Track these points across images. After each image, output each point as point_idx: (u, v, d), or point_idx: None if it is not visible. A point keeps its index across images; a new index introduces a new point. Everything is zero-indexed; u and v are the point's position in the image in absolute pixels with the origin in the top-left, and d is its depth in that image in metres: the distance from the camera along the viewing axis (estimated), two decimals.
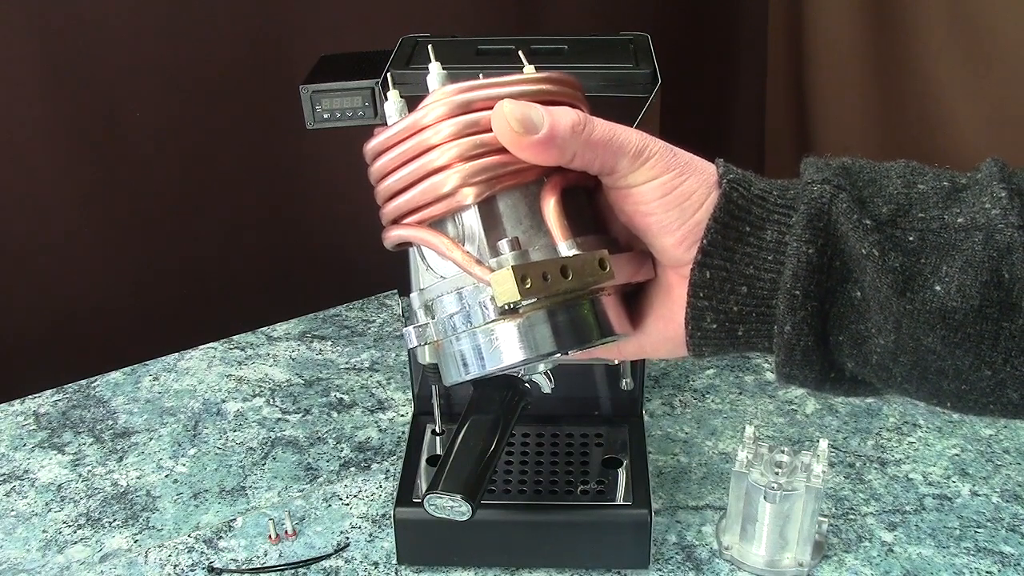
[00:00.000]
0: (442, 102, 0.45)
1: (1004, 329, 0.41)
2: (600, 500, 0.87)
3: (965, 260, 0.42)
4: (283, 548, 0.91)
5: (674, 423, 1.06)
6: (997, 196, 0.43)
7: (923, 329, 0.42)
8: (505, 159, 0.45)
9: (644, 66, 0.79)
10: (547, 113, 0.44)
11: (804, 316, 0.44)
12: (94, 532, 0.94)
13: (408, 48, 0.84)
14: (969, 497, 0.95)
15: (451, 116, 0.45)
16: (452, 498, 0.75)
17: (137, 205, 1.22)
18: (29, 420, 1.10)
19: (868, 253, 0.43)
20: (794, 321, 0.44)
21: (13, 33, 1.07)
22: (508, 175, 0.45)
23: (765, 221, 0.45)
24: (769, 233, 0.45)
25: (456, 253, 0.45)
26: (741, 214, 0.45)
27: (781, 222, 0.45)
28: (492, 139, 0.44)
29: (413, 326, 0.47)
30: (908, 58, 1.20)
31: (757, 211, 0.45)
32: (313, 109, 0.81)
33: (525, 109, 0.44)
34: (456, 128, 0.44)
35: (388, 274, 1.24)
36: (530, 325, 0.45)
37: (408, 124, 0.46)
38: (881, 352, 0.44)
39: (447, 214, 0.46)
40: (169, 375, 1.17)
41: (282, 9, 1.19)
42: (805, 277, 0.44)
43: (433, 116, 0.45)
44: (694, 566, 0.88)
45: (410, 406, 1.08)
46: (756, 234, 0.45)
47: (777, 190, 0.46)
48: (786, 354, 0.45)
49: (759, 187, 0.46)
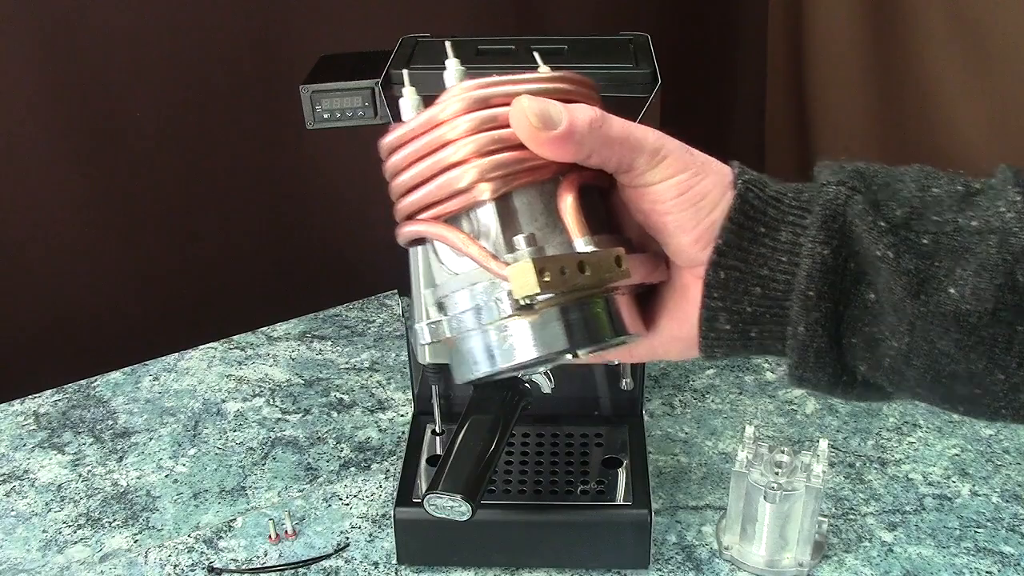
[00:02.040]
0: (459, 97, 0.44)
1: (1018, 333, 0.41)
2: (600, 500, 0.87)
3: (979, 263, 0.42)
4: (283, 548, 0.91)
5: (674, 423, 1.06)
6: (1012, 200, 0.43)
7: (937, 332, 0.42)
8: (522, 155, 0.44)
9: (644, 66, 0.79)
10: (565, 109, 0.44)
11: (818, 317, 0.44)
12: (94, 532, 0.94)
13: (408, 48, 0.84)
14: (969, 497, 0.95)
15: (468, 111, 0.44)
16: (452, 498, 0.75)
17: (137, 205, 1.22)
18: (29, 420, 1.10)
19: (883, 255, 0.42)
20: (808, 322, 0.44)
21: (13, 33, 1.07)
22: (524, 172, 0.45)
23: (780, 222, 0.45)
24: (784, 234, 0.45)
25: (473, 248, 0.44)
26: (756, 215, 0.45)
27: (796, 223, 0.45)
28: (509, 135, 0.44)
29: (426, 322, 0.47)
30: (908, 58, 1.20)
31: (772, 212, 0.45)
32: (313, 109, 0.81)
33: (544, 104, 0.44)
34: (473, 124, 0.44)
35: (388, 274, 1.24)
36: (544, 322, 0.44)
37: (425, 119, 0.45)
38: (894, 355, 0.44)
39: (463, 210, 0.45)
40: (169, 375, 1.17)
41: (282, 9, 1.19)
42: (819, 278, 0.44)
43: (450, 111, 0.44)
44: (694, 566, 0.88)
45: (410, 406, 1.08)
46: (771, 235, 0.45)
47: (792, 192, 0.46)
48: (799, 356, 0.45)
49: (774, 189, 0.46)
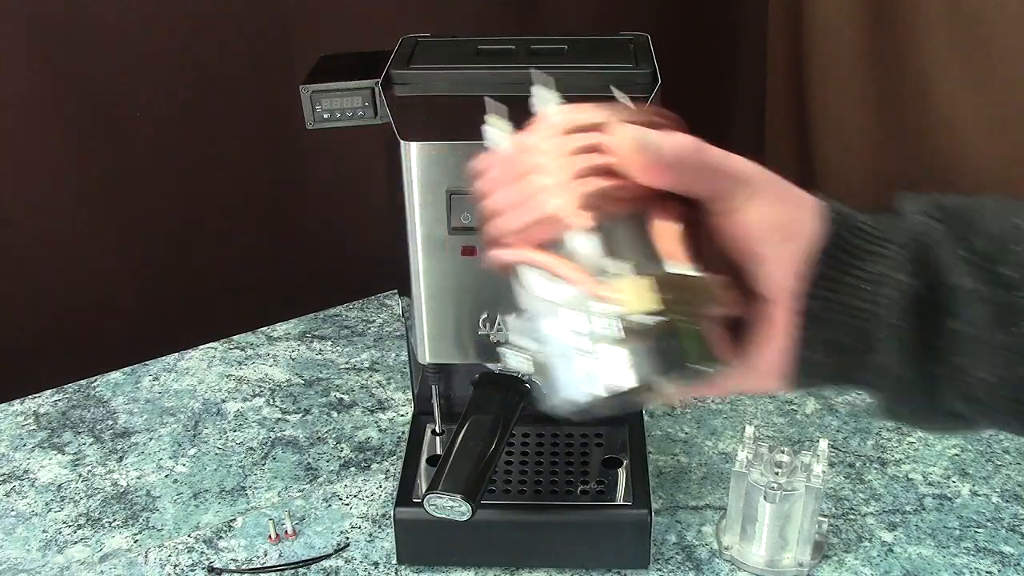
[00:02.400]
0: (554, 123, 0.45)
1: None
2: (600, 500, 0.87)
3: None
4: (283, 548, 0.91)
5: (674, 423, 1.06)
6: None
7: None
8: (617, 183, 0.44)
9: (644, 66, 0.79)
10: (665, 136, 0.44)
11: (906, 347, 0.45)
12: (94, 532, 0.94)
13: (408, 48, 0.84)
14: (969, 497, 0.95)
15: (563, 137, 0.44)
16: (452, 498, 0.75)
17: (137, 205, 1.22)
18: (29, 420, 1.10)
19: (973, 288, 0.43)
20: (896, 352, 0.45)
21: (13, 33, 1.07)
22: (619, 200, 0.45)
23: (867, 252, 0.45)
24: (870, 264, 0.45)
25: (572, 272, 0.44)
26: (845, 246, 0.45)
27: (881, 254, 0.45)
28: (604, 163, 0.44)
29: (513, 349, 0.46)
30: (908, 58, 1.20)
31: (859, 243, 0.46)
32: (313, 109, 0.81)
33: (645, 132, 0.44)
34: (568, 150, 0.44)
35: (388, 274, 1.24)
36: (647, 346, 0.43)
37: (518, 144, 0.45)
38: (982, 386, 0.44)
39: (556, 235, 0.45)
40: (169, 375, 1.17)
41: (282, 9, 1.19)
42: (906, 308, 0.44)
43: (544, 137, 0.45)
44: (694, 566, 0.88)
45: (410, 406, 1.08)
46: (859, 265, 0.45)
47: (873, 221, 0.46)
48: (887, 386, 0.46)
49: (859, 219, 0.46)
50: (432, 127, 0.76)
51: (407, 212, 0.75)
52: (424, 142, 0.73)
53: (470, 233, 0.74)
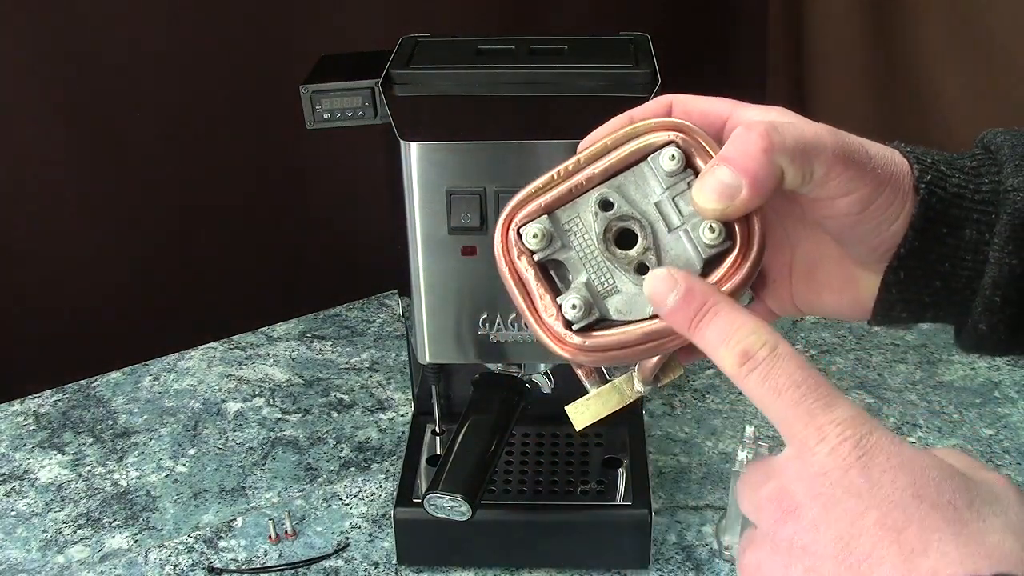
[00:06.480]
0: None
1: None
2: (600, 500, 0.87)
3: None
4: (283, 548, 0.91)
5: (674, 423, 1.06)
6: None
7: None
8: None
9: (644, 66, 0.79)
10: (734, 168, 0.40)
11: (1001, 318, 0.45)
12: (94, 532, 0.94)
13: (408, 48, 0.84)
14: None
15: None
16: (452, 498, 0.75)
17: (137, 205, 1.22)
18: (29, 420, 1.10)
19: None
20: (990, 322, 0.46)
21: (14, 33, 1.07)
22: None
23: (964, 221, 0.45)
24: (967, 232, 0.45)
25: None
26: (939, 217, 0.45)
27: (980, 220, 0.45)
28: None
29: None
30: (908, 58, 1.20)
31: (955, 212, 0.45)
32: (313, 109, 0.81)
33: (710, 181, 0.41)
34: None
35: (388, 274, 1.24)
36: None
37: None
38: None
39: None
40: (169, 375, 1.17)
41: (283, 9, 1.19)
42: (1006, 285, 0.44)
43: None
44: (694, 566, 0.88)
45: (410, 406, 1.08)
46: (954, 233, 0.45)
47: (972, 184, 0.45)
48: (975, 342, 0.47)
49: (954, 183, 0.45)
50: (432, 127, 0.76)
51: (407, 212, 0.74)
52: (424, 142, 0.72)
53: (470, 233, 0.74)
